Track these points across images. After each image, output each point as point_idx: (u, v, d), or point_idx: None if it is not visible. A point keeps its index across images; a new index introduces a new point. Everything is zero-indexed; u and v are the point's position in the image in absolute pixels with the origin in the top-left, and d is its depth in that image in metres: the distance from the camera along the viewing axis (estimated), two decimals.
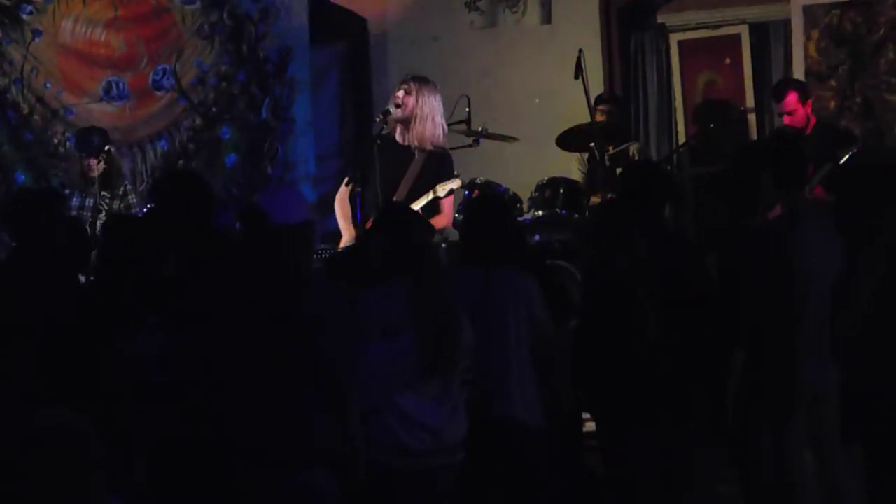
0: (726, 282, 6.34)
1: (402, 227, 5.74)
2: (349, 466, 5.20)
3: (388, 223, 5.82)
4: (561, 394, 6.38)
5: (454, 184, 8.20)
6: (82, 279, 6.97)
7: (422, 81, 8.37)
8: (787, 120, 9.11)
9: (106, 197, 9.31)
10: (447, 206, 8.26)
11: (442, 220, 8.19)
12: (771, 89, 9.41)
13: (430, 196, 8.15)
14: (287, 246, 5.34)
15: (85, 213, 9.21)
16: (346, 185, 8.44)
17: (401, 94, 8.32)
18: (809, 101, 9.20)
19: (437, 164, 8.28)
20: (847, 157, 8.50)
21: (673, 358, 6.11)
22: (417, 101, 8.30)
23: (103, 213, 9.12)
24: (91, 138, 9.33)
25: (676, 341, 6.12)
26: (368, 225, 7.42)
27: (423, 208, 8.02)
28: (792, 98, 9.08)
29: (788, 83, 9.31)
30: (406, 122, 8.34)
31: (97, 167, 9.25)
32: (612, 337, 6.15)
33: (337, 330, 5.25)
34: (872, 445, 5.85)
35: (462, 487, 5.71)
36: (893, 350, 5.71)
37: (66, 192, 9.33)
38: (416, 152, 8.32)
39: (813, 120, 9.17)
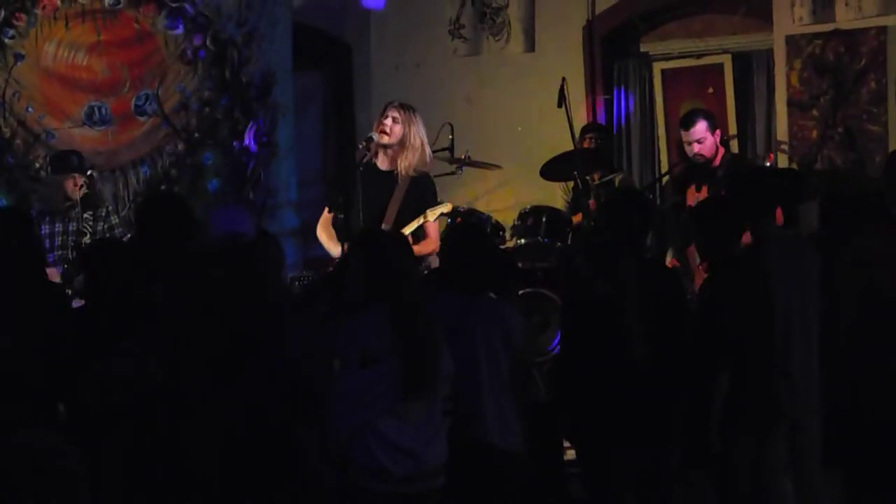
0: (707, 306, 6.38)
1: (380, 251, 5.74)
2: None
3: (366, 247, 5.82)
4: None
5: (444, 208, 8.23)
6: (75, 303, 7.00)
7: (409, 110, 8.39)
8: (696, 148, 8.98)
9: (88, 220, 9.27)
10: (433, 231, 8.27)
11: (430, 245, 8.20)
12: (680, 119, 9.35)
13: (421, 220, 8.17)
14: (249, 262, 5.44)
15: (68, 238, 9.17)
16: (329, 212, 8.45)
17: (388, 122, 8.33)
18: (718, 132, 9.11)
19: (422, 189, 8.31)
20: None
21: (655, 381, 6.13)
22: (409, 129, 8.32)
23: (87, 235, 9.09)
24: (69, 158, 9.31)
25: (659, 365, 6.14)
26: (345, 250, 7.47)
27: (412, 233, 8.05)
28: (701, 126, 8.98)
29: (698, 112, 9.24)
30: (390, 148, 8.35)
31: (79, 190, 9.20)
32: (595, 361, 6.17)
33: (299, 348, 5.35)
34: (851, 468, 5.89)
35: None
36: (873, 373, 5.76)
37: (47, 217, 9.28)
38: (399, 178, 8.33)
39: (721, 150, 9.12)
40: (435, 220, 8.22)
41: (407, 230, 8.06)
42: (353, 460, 5.37)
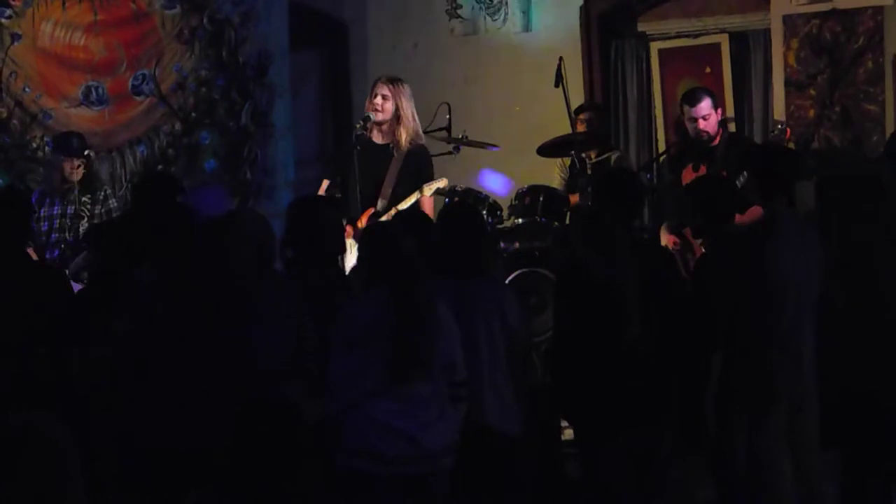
0: (704, 285, 6.38)
1: (383, 237, 5.76)
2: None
3: (371, 235, 5.88)
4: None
5: (440, 183, 8.26)
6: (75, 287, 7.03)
7: (396, 83, 8.47)
8: (701, 125, 8.99)
9: (87, 203, 9.26)
10: (428, 206, 8.32)
11: None
12: (682, 96, 9.35)
13: (417, 195, 8.21)
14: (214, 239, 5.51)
15: (66, 221, 9.16)
16: (328, 189, 8.47)
17: (379, 100, 8.40)
18: (720, 110, 9.14)
19: (418, 161, 8.39)
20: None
21: (651, 361, 6.14)
22: (400, 102, 8.38)
23: (85, 219, 9.08)
24: (70, 140, 9.29)
25: (655, 345, 6.14)
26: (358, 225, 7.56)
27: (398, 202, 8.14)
28: (706, 103, 8.99)
29: (702, 89, 9.27)
30: (384, 124, 8.41)
31: (77, 171, 9.20)
32: (590, 341, 6.17)
33: (271, 319, 5.38)
34: (849, 451, 5.89)
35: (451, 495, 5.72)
36: (870, 356, 5.76)
37: (46, 199, 9.27)
38: (395, 151, 8.39)
39: (720, 131, 9.12)
40: (431, 195, 8.25)
41: (403, 205, 8.13)
42: (350, 443, 5.38)
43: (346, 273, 7.32)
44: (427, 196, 8.29)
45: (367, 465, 5.38)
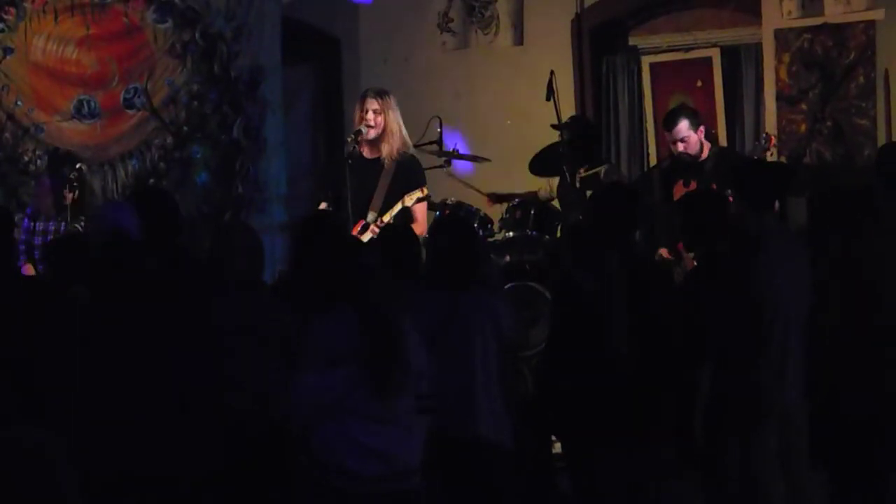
0: (694, 299, 6.37)
1: (345, 251, 5.70)
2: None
3: (331, 248, 5.79)
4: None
5: (419, 192, 8.27)
6: None
7: (384, 95, 8.49)
8: (680, 147, 8.97)
9: (81, 219, 9.29)
10: (420, 213, 8.38)
11: (416, 229, 8.26)
12: (662, 120, 9.34)
13: (400, 206, 8.24)
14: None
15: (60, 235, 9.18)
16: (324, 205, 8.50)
17: (371, 116, 8.41)
18: (702, 128, 9.09)
19: (407, 171, 8.40)
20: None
21: (640, 378, 6.13)
22: (389, 116, 8.41)
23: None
24: (62, 168, 9.38)
25: (644, 361, 6.13)
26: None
27: (395, 217, 8.22)
28: (683, 125, 8.95)
29: (678, 111, 9.22)
30: (378, 138, 8.43)
31: (69, 196, 9.28)
32: (580, 356, 6.16)
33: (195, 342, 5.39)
34: (837, 467, 5.89)
35: None
36: (859, 372, 5.75)
37: (41, 216, 9.31)
38: (386, 163, 8.41)
39: (707, 145, 9.10)
40: (413, 204, 8.27)
41: (387, 216, 8.18)
42: (323, 462, 5.33)
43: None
44: (411, 205, 8.31)
45: (345, 484, 5.33)
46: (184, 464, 5.43)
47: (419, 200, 8.32)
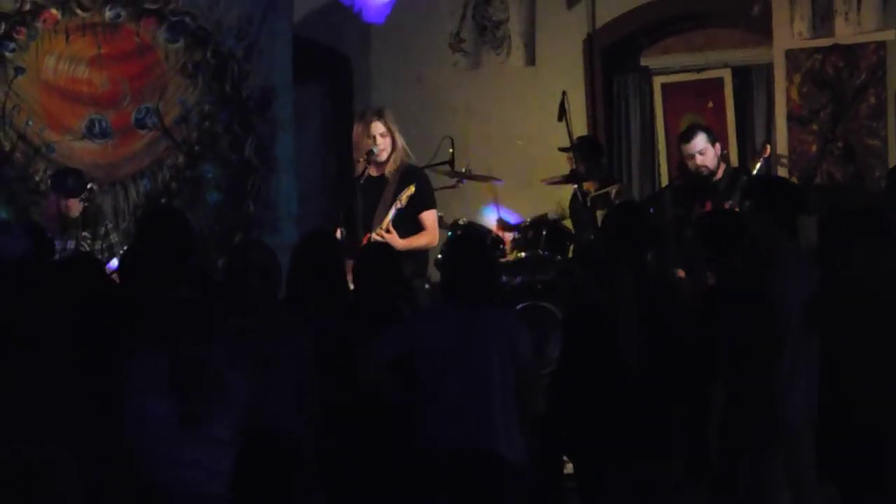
0: (710, 318, 6.37)
1: (164, 282, 5.71)
2: None
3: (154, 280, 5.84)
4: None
5: (409, 190, 8.25)
6: None
7: (384, 114, 8.51)
8: (698, 160, 8.95)
9: (87, 238, 9.29)
10: (429, 221, 8.35)
11: (424, 238, 8.31)
12: (678, 136, 9.34)
13: (394, 210, 8.23)
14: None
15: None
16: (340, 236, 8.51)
17: (379, 139, 8.42)
18: (718, 145, 9.10)
19: (405, 175, 8.40)
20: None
21: (652, 396, 6.12)
22: (395, 135, 8.45)
23: None
24: (65, 180, 9.34)
25: (656, 380, 6.13)
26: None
27: (399, 226, 8.27)
28: (700, 139, 8.96)
29: (695, 126, 9.24)
30: (387, 158, 8.46)
31: (76, 207, 9.25)
32: (590, 375, 6.16)
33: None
34: (846, 482, 5.88)
35: None
36: (868, 387, 5.75)
37: (48, 234, 9.29)
38: (390, 177, 8.43)
39: (722, 165, 9.10)
40: (406, 202, 8.25)
41: (385, 223, 8.19)
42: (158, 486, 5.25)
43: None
44: (404, 205, 8.29)
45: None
46: None
47: (410, 199, 8.28)
